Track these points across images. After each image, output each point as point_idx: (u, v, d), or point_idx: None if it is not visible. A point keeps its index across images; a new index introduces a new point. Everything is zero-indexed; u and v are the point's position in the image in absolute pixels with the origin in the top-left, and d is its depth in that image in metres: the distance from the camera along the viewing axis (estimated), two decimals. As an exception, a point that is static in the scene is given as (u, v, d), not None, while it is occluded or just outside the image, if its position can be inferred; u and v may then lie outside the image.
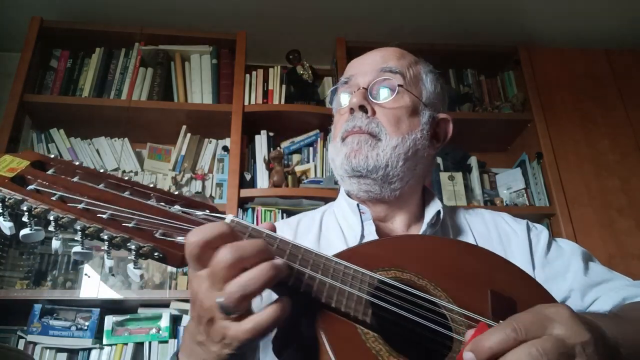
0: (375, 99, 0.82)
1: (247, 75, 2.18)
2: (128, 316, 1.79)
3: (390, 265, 0.58)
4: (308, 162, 2.18)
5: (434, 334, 0.51)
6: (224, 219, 0.53)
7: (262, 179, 2.04)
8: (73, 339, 1.73)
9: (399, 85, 0.81)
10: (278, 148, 2.13)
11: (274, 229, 0.55)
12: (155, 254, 0.50)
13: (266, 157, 2.08)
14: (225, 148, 2.12)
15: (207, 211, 0.54)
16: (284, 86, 2.21)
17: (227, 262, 0.45)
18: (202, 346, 0.50)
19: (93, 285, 1.77)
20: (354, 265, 0.54)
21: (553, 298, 0.64)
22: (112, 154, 2.11)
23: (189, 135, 2.16)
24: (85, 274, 1.80)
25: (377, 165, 0.77)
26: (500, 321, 0.47)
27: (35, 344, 1.71)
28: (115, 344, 1.74)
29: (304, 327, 0.50)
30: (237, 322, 0.46)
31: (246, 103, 2.12)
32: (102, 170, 0.58)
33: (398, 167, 0.79)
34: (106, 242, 0.50)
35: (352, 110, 0.81)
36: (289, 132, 2.21)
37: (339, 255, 0.56)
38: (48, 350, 1.71)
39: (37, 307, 1.75)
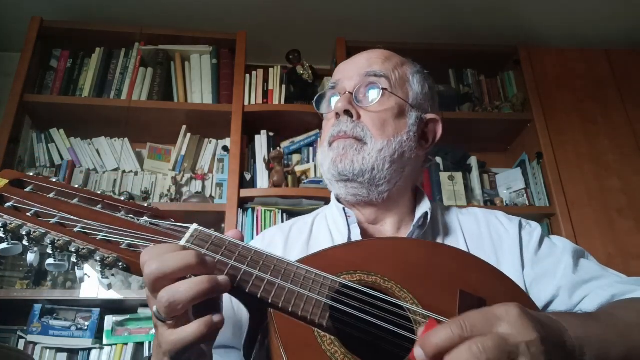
0: (361, 103, 0.82)
1: (247, 75, 2.18)
2: (128, 316, 1.80)
3: (356, 268, 0.58)
4: (308, 162, 2.18)
5: (395, 336, 0.52)
6: (188, 228, 0.55)
7: (262, 179, 2.04)
8: (73, 339, 1.73)
9: (383, 89, 0.81)
10: (278, 148, 2.13)
11: (240, 237, 0.56)
12: (120, 263, 0.53)
13: (266, 157, 2.08)
14: (225, 148, 2.12)
15: (172, 220, 0.57)
16: (284, 86, 2.21)
17: (150, 275, 0.47)
18: (155, 350, 0.53)
19: (93, 285, 1.77)
20: (316, 269, 0.55)
21: (527, 297, 0.64)
22: (112, 154, 2.12)
23: (189, 135, 2.16)
24: (85, 274, 1.79)
25: (363, 169, 0.78)
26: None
27: (35, 344, 1.71)
28: (115, 344, 1.75)
29: (264, 332, 0.52)
30: (169, 330, 0.48)
31: (246, 103, 2.12)
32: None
33: (384, 170, 0.79)
34: (74, 254, 0.53)
35: (337, 115, 0.81)
36: (289, 132, 2.21)
37: (305, 259, 0.58)
38: (48, 350, 1.72)
39: (37, 307, 1.75)
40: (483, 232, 0.85)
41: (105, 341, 1.74)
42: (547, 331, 0.45)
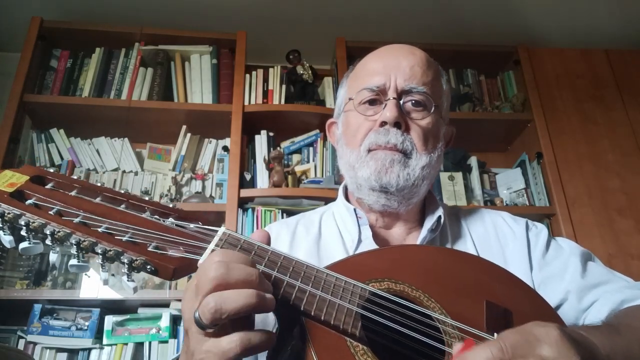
0: (409, 114, 0.79)
1: (247, 75, 2.18)
2: (128, 316, 1.79)
3: (384, 276, 0.58)
4: (308, 162, 2.18)
5: (426, 347, 0.51)
6: (215, 231, 0.54)
7: (262, 179, 2.04)
8: (73, 339, 1.73)
9: (435, 105, 0.80)
10: (278, 148, 2.13)
11: (267, 238, 0.55)
12: (148, 267, 0.51)
13: (266, 157, 2.08)
14: (225, 148, 2.12)
15: (200, 223, 0.55)
16: (284, 86, 2.21)
17: (212, 276, 0.45)
18: (184, 356, 0.51)
19: (93, 285, 1.77)
20: (345, 277, 0.54)
21: (550, 307, 0.63)
22: (112, 154, 2.11)
23: (189, 135, 2.16)
24: (85, 274, 1.79)
25: (406, 185, 0.77)
26: (494, 334, 0.46)
27: (35, 344, 1.71)
28: (115, 344, 1.74)
29: (295, 340, 0.51)
30: (205, 338, 0.46)
31: (246, 103, 2.12)
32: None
33: (421, 186, 0.79)
34: (100, 255, 0.51)
35: (384, 122, 0.78)
36: (289, 132, 2.21)
37: (332, 266, 0.57)
38: (48, 350, 1.71)
39: (37, 307, 1.74)
40: (490, 234, 0.85)
41: (105, 341, 1.74)
42: (586, 353, 0.45)
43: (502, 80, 2.47)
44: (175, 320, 1.81)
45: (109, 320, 1.76)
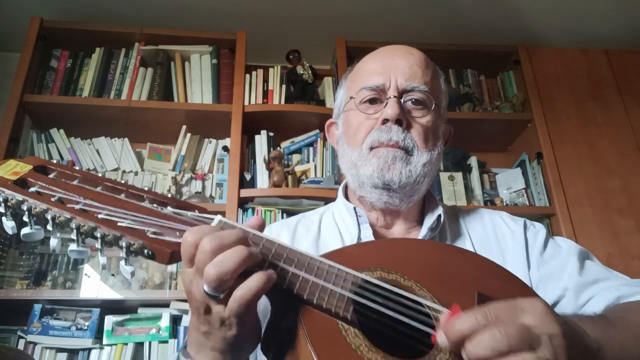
0: (409, 113, 0.80)
1: (247, 75, 2.18)
2: (128, 316, 1.79)
3: (377, 265, 0.59)
4: (308, 162, 2.18)
5: (416, 332, 0.52)
6: (212, 219, 0.55)
7: (262, 179, 2.04)
8: (73, 339, 1.73)
9: (435, 104, 0.81)
10: (278, 148, 2.13)
11: (262, 224, 0.56)
12: (145, 251, 0.52)
13: (266, 157, 2.08)
14: (225, 148, 2.12)
15: (197, 212, 0.57)
16: (284, 86, 2.21)
17: (208, 249, 0.47)
18: (207, 335, 0.53)
19: (93, 285, 1.77)
20: (339, 264, 0.55)
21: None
22: (112, 154, 2.11)
23: (189, 135, 2.16)
24: (85, 274, 1.80)
25: (408, 182, 0.78)
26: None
27: (35, 344, 1.71)
28: (115, 344, 1.74)
29: (288, 323, 0.52)
30: (222, 307, 0.49)
31: (246, 103, 2.12)
32: (101, 173, 0.61)
33: (422, 183, 0.80)
34: (99, 240, 0.53)
35: (385, 120, 0.79)
36: (289, 132, 2.21)
37: (326, 255, 0.58)
38: (48, 350, 1.71)
39: (37, 307, 1.74)
40: (489, 234, 0.85)
41: (105, 341, 1.74)
42: (570, 329, 0.46)
43: (502, 80, 2.47)
44: (175, 320, 1.81)
45: (109, 320, 1.76)
